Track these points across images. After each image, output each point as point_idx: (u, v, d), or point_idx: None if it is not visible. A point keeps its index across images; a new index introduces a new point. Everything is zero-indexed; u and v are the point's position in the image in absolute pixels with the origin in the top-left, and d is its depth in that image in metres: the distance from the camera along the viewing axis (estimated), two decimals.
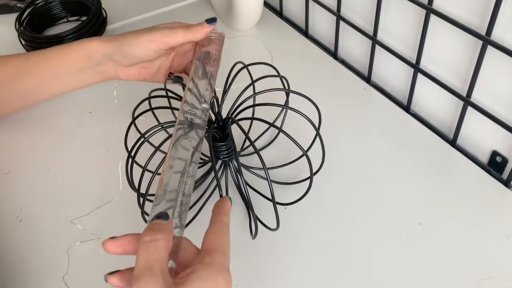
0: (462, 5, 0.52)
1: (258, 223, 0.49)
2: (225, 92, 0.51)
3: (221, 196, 0.44)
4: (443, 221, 0.50)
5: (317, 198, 0.54)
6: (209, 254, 0.33)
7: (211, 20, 0.52)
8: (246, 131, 0.60)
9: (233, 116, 0.51)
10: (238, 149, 0.59)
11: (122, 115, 0.64)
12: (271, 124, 0.47)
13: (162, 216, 0.34)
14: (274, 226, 0.48)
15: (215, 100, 0.48)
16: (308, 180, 0.49)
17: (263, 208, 0.51)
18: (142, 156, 0.48)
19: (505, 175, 0.55)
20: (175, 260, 0.34)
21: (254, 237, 0.48)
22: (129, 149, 0.48)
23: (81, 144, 0.62)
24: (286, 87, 0.53)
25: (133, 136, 0.49)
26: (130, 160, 0.48)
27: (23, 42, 0.78)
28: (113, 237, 0.35)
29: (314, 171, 0.51)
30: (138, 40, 0.53)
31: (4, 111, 0.64)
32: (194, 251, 0.36)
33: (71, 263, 0.49)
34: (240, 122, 0.48)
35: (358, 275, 0.47)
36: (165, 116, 0.54)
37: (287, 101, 0.55)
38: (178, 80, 0.52)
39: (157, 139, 0.48)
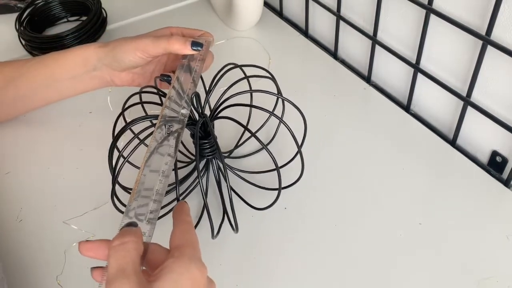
0: (462, 5, 0.52)
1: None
2: (210, 90, 0.51)
3: (178, 200, 0.45)
4: (443, 221, 0.50)
5: (317, 198, 0.54)
6: (178, 249, 0.34)
7: (196, 45, 0.52)
8: (242, 130, 0.61)
9: (217, 113, 0.51)
10: (228, 148, 0.59)
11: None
12: (252, 134, 0.47)
13: (132, 224, 0.36)
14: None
15: (194, 97, 0.48)
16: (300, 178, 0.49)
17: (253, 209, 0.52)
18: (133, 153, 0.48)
19: (505, 175, 0.55)
20: (144, 264, 0.35)
21: (214, 237, 0.49)
22: (114, 137, 0.48)
23: (81, 144, 0.62)
24: (277, 90, 0.53)
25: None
26: (112, 146, 0.48)
27: (23, 42, 0.78)
28: (87, 240, 0.35)
29: (298, 174, 0.51)
30: (126, 47, 0.54)
31: (2, 117, 0.64)
32: (165, 253, 0.36)
33: (67, 264, 0.49)
34: (233, 122, 0.48)
35: (358, 275, 0.47)
36: (155, 111, 0.54)
37: (275, 107, 0.54)
38: (166, 79, 0.53)
39: (144, 133, 0.49)
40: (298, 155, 0.50)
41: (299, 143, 0.49)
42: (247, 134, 0.60)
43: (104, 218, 0.53)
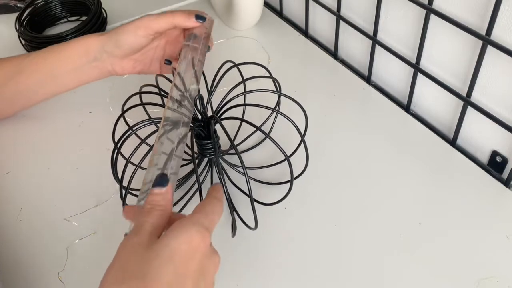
0: (462, 5, 0.52)
1: (239, 221, 0.50)
2: (211, 92, 0.51)
3: (201, 194, 0.45)
4: (443, 221, 0.50)
5: (317, 198, 0.54)
6: (190, 215, 0.36)
7: (200, 18, 0.53)
8: (237, 129, 0.61)
9: (220, 114, 0.51)
10: (226, 147, 0.59)
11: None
12: (258, 128, 0.47)
13: (163, 181, 0.37)
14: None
15: (199, 98, 0.48)
16: (300, 178, 0.49)
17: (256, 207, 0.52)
18: (131, 152, 0.48)
19: (505, 175, 0.55)
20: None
21: (233, 235, 0.49)
22: (116, 141, 0.48)
23: (81, 144, 0.62)
24: (278, 89, 0.53)
25: (123, 129, 0.49)
26: (116, 152, 0.48)
27: (23, 42, 0.78)
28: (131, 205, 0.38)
29: (299, 172, 0.51)
30: (127, 28, 0.55)
31: (4, 112, 0.64)
32: None
33: (68, 261, 0.49)
34: (228, 121, 0.48)
35: (358, 274, 0.47)
36: (153, 110, 0.55)
37: (277, 104, 0.55)
38: (168, 63, 0.55)
39: (145, 134, 0.48)
40: (302, 147, 0.50)
41: (302, 133, 0.49)
42: (243, 132, 0.60)
43: (106, 216, 0.53)
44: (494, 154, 0.56)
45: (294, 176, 0.51)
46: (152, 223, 0.34)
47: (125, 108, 0.51)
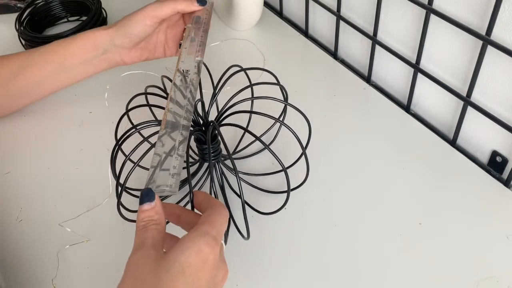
0: (462, 5, 0.52)
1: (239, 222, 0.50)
2: (214, 95, 0.51)
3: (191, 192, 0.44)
4: (443, 221, 0.50)
5: (317, 197, 0.54)
6: (197, 226, 0.36)
7: (201, 1, 0.57)
8: (242, 133, 0.60)
9: (222, 118, 0.51)
10: (230, 152, 0.58)
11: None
12: (257, 138, 0.46)
13: (150, 196, 0.37)
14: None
15: (200, 103, 0.49)
16: (302, 186, 0.49)
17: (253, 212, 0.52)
18: (135, 153, 0.47)
19: (505, 175, 0.55)
20: (184, 227, 0.40)
21: (225, 242, 0.48)
22: (118, 139, 0.48)
23: (81, 144, 0.62)
24: (285, 96, 0.52)
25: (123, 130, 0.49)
26: (117, 149, 0.48)
27: (23, 42, 0.78)
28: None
29: (301, 180, 0.51)
30: (133, 19, 0.57)
31: (12, 107, 0.65)
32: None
33: (61, 266, 0.49)
34: (230, 126, 0.48)
35: (358, 274, 0.47)
36: (157, 111, 0.55)
37: (283, 112, 0.54)
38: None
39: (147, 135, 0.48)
40: (302, 158, 0.50)
41: (304, 145, 0.49)
42: (247, 137, 0.60)
43: (102, 217, 0.53)
44: (494, 154, 0.56)
45: (295, 186, 0.52)
46: (151, 237, 0.35)
47: (129, 107, 0.51)
